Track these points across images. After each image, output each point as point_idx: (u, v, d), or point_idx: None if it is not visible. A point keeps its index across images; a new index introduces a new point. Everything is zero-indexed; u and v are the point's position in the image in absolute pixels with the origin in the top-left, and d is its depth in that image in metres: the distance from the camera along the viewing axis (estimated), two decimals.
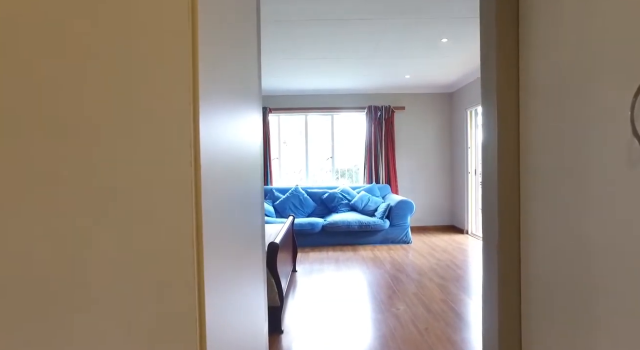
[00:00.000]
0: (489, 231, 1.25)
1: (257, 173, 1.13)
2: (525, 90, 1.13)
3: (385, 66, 5.06)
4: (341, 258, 4.79)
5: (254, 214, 1.07)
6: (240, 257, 0.84)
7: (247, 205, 0.96)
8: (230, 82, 0.76)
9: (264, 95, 6.59)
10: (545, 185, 1.02)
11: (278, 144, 6.80)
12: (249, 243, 0.96)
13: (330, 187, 6.40)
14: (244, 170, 0.92)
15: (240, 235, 0.84)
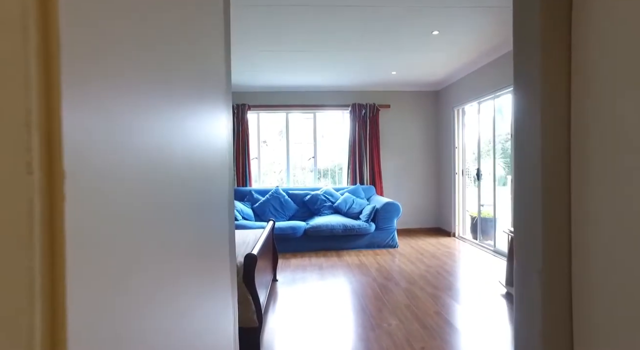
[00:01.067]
0: (527, 251, 0.96)
1: (222, 177, 0.82)
2: (583, 65, 0.85)
3: (371, 60, 4.78)
4: (325, 265, 4.48)
5: (216, 224, 0.78)
6: (180, 275, 0.57)
7: (202, 214, 0.70)
8: (149, 68, 0.47)
9: (241, 91, 6.22)
10: (614, 189, 0.74)
11: (257, 143, 6.44)
12: (204, 258, 0.72)
13: (313, 188, 6.08)
14: (196, 174, 0.62)
15: (184, 250, 0.60)
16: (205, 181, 0.72)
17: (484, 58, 4.71)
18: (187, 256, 0.64)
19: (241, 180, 6.13)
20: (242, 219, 5.29)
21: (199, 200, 0.69)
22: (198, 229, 0.68)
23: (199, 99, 0.67)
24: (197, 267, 0.69)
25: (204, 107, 0.69)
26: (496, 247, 4.84)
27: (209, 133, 0.73)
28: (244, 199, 5.79)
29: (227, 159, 0.87)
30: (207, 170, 0.72)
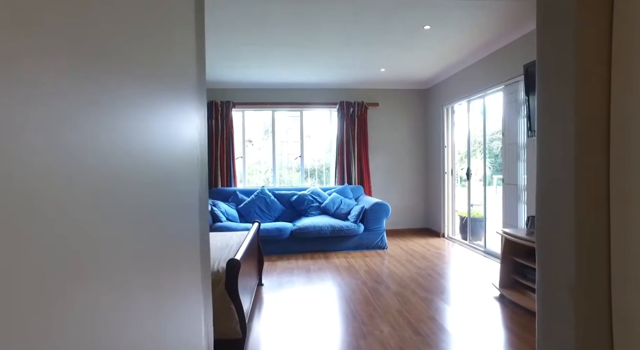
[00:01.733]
0: (554, 261, 0.82)
1: (191, 177, 0.66)
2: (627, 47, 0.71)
3: (360, 56, 4.64)
4: (312, 267, 4.32)
5: (183, 227, 0.63)
6: (128, 287, 0.47)
7: (163, 216, 0.58)
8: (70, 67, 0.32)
9: (225, 87, 6.01)
10: None
11: (242, 142, 6.24)
12: (165, 265, 0.59)
13: (300, 188, 5.92)
14: (155, 174, 0.47)
15: (135, 256, 0.50)
16: (168, 181, 0.57)
17: (474, 55, 4.62)
18: (141, 263, 0.50)
19: (226, 180, 5.92)
20: (227, 220, 5.09)
21: (158, 201, 0.53)
22: (157, 232, 0.53)
23: (158, 97, 0.52)
24: (155, 276, 0.54)
25: (166, 106, 0.54)
26: (487, 248, 4.75)
27: (173, 132, 0.57)
28: (229, 199, 5.59)
29: (197, 158, 0.71)
30: (170, 170, 0.57)
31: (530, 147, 3.72)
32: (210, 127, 5.85)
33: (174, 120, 0.59)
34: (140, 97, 0.48)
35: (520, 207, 3.97)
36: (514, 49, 3.95)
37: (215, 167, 5.88)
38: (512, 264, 3.26)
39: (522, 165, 3.93)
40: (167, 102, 0.56)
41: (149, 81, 0.51)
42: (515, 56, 3.91)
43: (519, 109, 3.95)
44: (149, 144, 0.50)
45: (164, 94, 0.56)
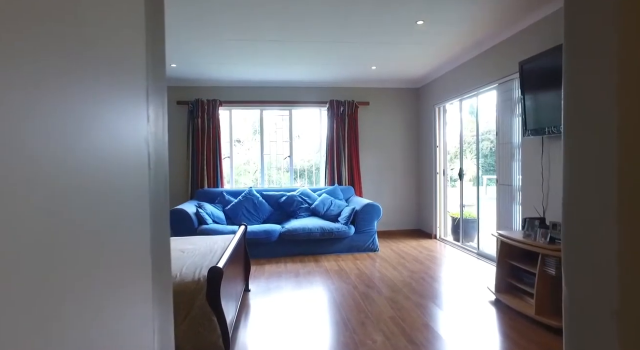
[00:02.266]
0: (590, 278, 0.68)
1: (135, 182, 0.50)
2: None
3: (350, 54, 4.51)
4: (302, 271, 4.16)
5: (122, 241, 0.47)
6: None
7: (88, 228, 0.39)
8: None
9: (212, 85, 5.82)
10: None
11: (230, 141, 6.06)
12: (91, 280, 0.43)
13: (289, 189, 5.76)
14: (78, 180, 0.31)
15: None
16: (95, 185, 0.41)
17: (468, 53, 4.52)
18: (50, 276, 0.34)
19: (212, 181, 5.73)
20: (213, 222, 4.91)
21: (76, 207, 0.38)
22: (74, 244, 0.38)
23: (80, 85, 0.37)
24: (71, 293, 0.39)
25: (92, 96, 0.39)
26: (480, 250, 4.66)
27: (105, 128, 0.42)
28: (215, 200, 5.40)
29: (147, 159, 0.56)
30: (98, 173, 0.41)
31: (526, 146, 3.63)
32: (195, 126, 5.66)
33: (106, 114, 0.43)
34: (49, 85, 0.33)
35: (515, 208, 3.87)
36: (509, 46, 3.86)
37: (201, 167, 5.69)
38: (508, 267, 3.16)
39: (517, 165, 3.83)
40: (93, 90, 0.41)
41: (62, 64, 0.36)
42: (510, 53, 3.82)
43: (514, 108, 3.85)
44: (62, 141, 0.35)
45: (89, 81, 0.40)
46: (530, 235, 2.93)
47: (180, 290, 1.94)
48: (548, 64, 3.09)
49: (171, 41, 3.94)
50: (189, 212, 4.62)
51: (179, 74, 5.30)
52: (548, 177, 3.34)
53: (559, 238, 2.71)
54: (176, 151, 5.81)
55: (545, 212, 3.36)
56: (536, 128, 3.27)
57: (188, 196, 5.67)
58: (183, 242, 3.12)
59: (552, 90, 3.07)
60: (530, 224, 2.98)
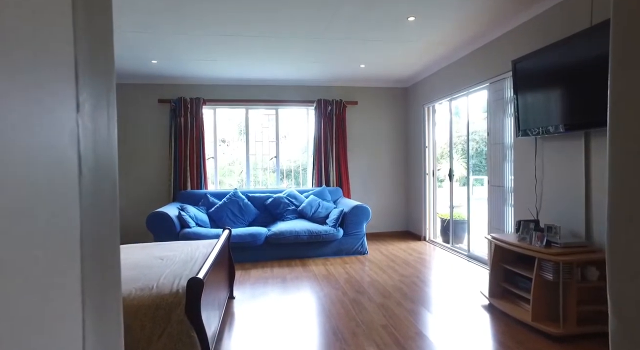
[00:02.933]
0: None
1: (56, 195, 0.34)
2: None
3: (339, 51, 4.37)
4: (289, 276, 4.01)
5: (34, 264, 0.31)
6: None
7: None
8: None
9: (195, 83, 5.61)
10: None
11: (214, 141, 5.86)
12: None
13: (275, 190, 5.60)
14: None
15: None
16: None
17: (459, 52, 4.44)
18: None
19: (196, 182, 5.53)
20: (196, 225, 4.71)
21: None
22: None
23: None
24: None
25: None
26: (470, 252, 4.58)
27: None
28: (199, 203, 5.20)
29: (72, 162, 0.40)
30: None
31: (518, 147, 3.55)
32: (178, 126, 5.45)
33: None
34: None
35: (507, 210, 3.80)
36: (501, 44, 3.78)
37: (184, 168, 5.48)
38: (502, 271, 3.06)
39: (509, 166, 3.76)
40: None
41: None
42: (502, 52, 3.74)
43: (505, 108, 3.78)
44: None
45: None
46: (525, 238, 2.84)
47: (156, 303, 1.77)
48: (542, 63, 3.01)
49: (148, 34, 3.74)
50: (171, 215, 4.42)
51: (160, 71, 5.08)
52: (542, 178, 3.27)
53: (555, 241, 2.63)
54: (158, 151, 5.59)
55: (539, 214, 3.29)
56: (530, 128, 3.19)
57: (170, 198, 5.46)
58: (162, 248, 2.93)
59: (547, 90, 2.99)
60: (525, 227, 2.89)
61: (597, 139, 2.72)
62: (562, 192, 3.04)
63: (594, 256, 2.51)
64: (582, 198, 2.83)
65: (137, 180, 5.54)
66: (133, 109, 5.51)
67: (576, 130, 2.76)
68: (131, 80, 5.44)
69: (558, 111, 2.89)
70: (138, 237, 5.39)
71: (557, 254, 2.49)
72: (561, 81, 2.84)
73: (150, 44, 4.00)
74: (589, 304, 2.51)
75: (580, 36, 2.67)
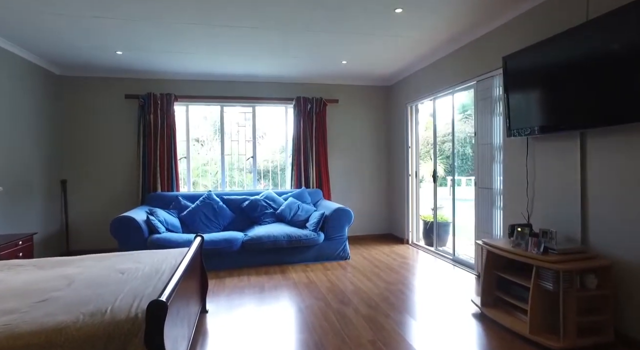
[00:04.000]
0: None
1: None
2: None
3: (321, 45, 4.13)
4: (267, 285, 3.73)
5: None
6: None
7: None
8: None
9: (165, 78, 5.25)
10: None
11: (187, 140, 5.50)
12: None
13: (252, 192, 5.30)
14: None
15: None
16: None
17: (443, 49, 4.28)
18: None
19: (166, 184, 5.16)
20: (166, 230, 4.37)
21: None
22: None
23: None
24: None
25: None
26: (456, 256, 4.43)
27: None
28: (170, 206, 4.85)
29: None
30: None
31: (509, 147, 3.41)
32: (147, 123, 5.07)
33: None
34: None
35: (496, 213, 3.65)
36: (491, 40, 3.63)
37: (154, 168, 5.10)
38: (495, 279, 2.90)
39: (497, 168, 3.61)
40: None
41: None
42: (492, 48, 3.59)
43: (494, 107, 3.63)
44: None
45: None
46: (520, 244, 2.68)
47: (108, 333, 1.47)
48: (535, 59, 2.86)
49: (110, 20, 3.39)
50: (138, 220, 4.06)
51: (126, 64, 4.69)
52: (533, 180, 3.13)
53: (552, 248, 2.47)
54: (125, 150, 5.19)
55: (530, 218, 3.14)
56: (521, 128, 3.04)
57: (139, 201, 5.07)
58: (125, 259, 2.60)
59: (540, 88, 2.84)
60: (519, 232, 2.73)
61: (594, 140, 2.59)
62: (555, 194, 2.91)
63: (593, 263, 2.37)
64: (578, 201, 2.69)
65: (102, 182, 5.13)
66: (97, 105, 5.10)
67: (572, 130, 2.62)
68: (94, 73, 5.02)
69: (552, 110, 2.74)
70: (103, 245, 4.99)
71: (556, 261, 2.33)
72: (555, 78, 2.70)
73: (113, 32, 3.64)
74: (589, 314, 2.37)
75: (576, 31, 2.52)
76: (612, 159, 2.46)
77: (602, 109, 2.39)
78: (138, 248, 3.91)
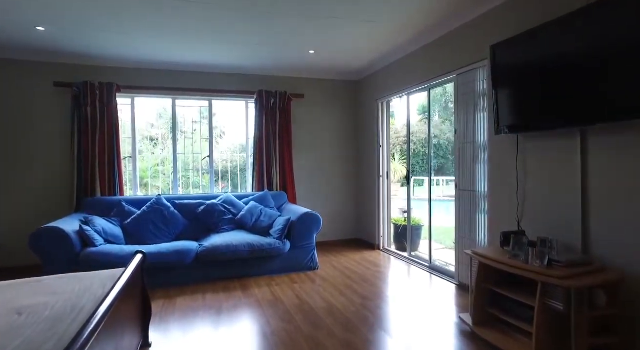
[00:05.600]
0: None
1: None
2: None
3: (286, 31, 3.66)
4: (226, 305, 3.21)
5: None
6: None
7: None
8: None
9: (104, 65, 4.55)
10: None
11: (133, 137, 4.83)
12: None
13: (209, 196, 4.73)
14: None
15: None
16: None
17: (421, 38, 3.95)
18: None
19: (108, 187, 4.47)
20: (105, 242, 3.71)
21: None
22: None
23: None
24: None
25: None
26: (432, 263, 4.11)
27: None
28: (111, 213, 4.17)
29: None
30: None
31: (496, 146, 3.10)
32: (84, 117, 4.36)
33: None
34: None
35: (479, 218, 3.35)
36: (474, 29, 3.33)
37: (91, 170, 4.40)
38: (488, 294, 2.57)
39: (481, 168, 3.32)
40: None
41: None
42: (475, 37, 3.29)
43: (477, 102, 3.33)
44: None
45: None
46: (519, 255, 2.36)
47: None
48: (531, 48, 2.55)
49: None
50: (67, 231, 3.40)
51: (53, 44, 3.97)
52: (524, 182, 2.84)
53: (557, 260, 2.16)
54: (57, 149, 4.44)
55: (521, 224, 2.85)
56: (512, 124, 2.74)
57: (73, 208, 4.34)
58: (34, 289, 1.99)
59: (534, 79, 2.54)
60: (516, 241, 2.41)
61: (597, 138, 2.31)
62: (550, 198, 2.62)
63: (603, 277, 2.07)
64: (578, 205, 2.41)
65: (28, 186, 4.35)
66: (18, 94, 4.31)
67: (572, 126, 2.33)
68: (11, 55, 4.23)
69: (549, 105, 2.45)
70: (33, 260, 4.21)
71: (565, 276, 2.01)
72: (553, 69, 2.40)
73: (29, 0, 2.98)
74: (599, 335, 2.07)
75: (575, 16, 2.23)
76: (619, 159, 2.19)
77: (608, 102, 2.10)
78: (67, 266, 3.25)
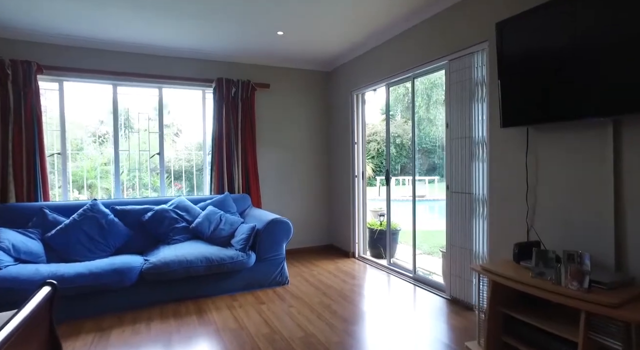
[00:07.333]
0: None
1: None
2: None
3: (250, 11, 3.06)
4: (177, 336, 2.56)
5: None
6: None
7: None
8: None
9: (22, 39, 3.70)
10: None
11: (61, 130, 4.00)
12: None
13: (159, 200, 4.01)
14: None
15: None
16: None
17: (408, 20, 3.48)
18: None
19: (25, 191, 3.64)
20: (15, 261, 2.93)
21: None
22: None
23: None
24: None
25: None
26: (417, 274, 3.67)
27: None
28: (29, 223, 3.36)
29: None
30: None
31: (499, 142, 2.67)
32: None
33: None
34: None
35: (477, 224, 2.92)
36: (469, 7, 2.89)
37: (4, 170, 3.55)
38: (503, 319, 2.12)
39: (479, 167, 2.89)
40: None
41: None
42: (470, 17, 2.85)
43: (474, 90, 2.90)
44: None
45: None
46: (544, 273, 1.92)
47: None
48: (549, 24, 2.13)
49: None
50: None
51: None
52: (535, 182, 2.43)
53: (599, 281, 1.73)
54: None
55: (531, 232, 2.44)
56: (526, 114, 2.32)
57: None
58: None
59: (557, 62, 2.12)
60: (540, 255, 1.97)
61: (635, 130, 1.92)
62: (572, 202, 2.22)
63: None
64: (611, 211, 2.01)
65: None
66: None
67: (603, 116, 1.93)
68: None
69: (572, 91, 2.04)
70: None
71: (617, 305, 1.58)
72: (579, 48, 1.99)
73: None
74: None
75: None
76: None
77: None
78: None
